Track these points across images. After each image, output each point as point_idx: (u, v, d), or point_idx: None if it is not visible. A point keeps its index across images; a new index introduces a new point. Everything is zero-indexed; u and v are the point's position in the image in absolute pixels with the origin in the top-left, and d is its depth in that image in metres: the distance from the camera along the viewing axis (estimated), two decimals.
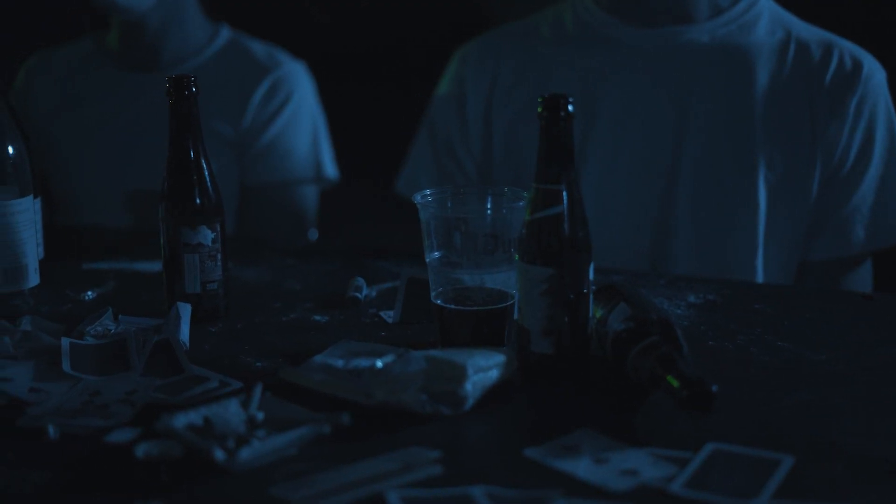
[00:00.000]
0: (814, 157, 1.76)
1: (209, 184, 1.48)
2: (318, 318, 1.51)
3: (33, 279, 1.52)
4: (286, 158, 2.11)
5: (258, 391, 1.20)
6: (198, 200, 1.47)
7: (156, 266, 1.73)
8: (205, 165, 1.48)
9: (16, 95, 2.18)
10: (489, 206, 1.38)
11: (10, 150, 1.50)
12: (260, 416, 1.17)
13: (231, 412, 1.16)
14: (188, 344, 1.40)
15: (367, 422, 1.19)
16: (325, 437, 1.16)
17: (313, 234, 2.16)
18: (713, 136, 1.79)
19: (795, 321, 1.49)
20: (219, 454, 1.09)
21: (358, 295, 1.55)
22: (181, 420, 1.15)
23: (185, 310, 1.43)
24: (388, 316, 1.51)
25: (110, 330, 1.43)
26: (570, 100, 1.28)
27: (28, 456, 1.15)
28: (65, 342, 1.38)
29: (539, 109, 1.28)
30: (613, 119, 1.81)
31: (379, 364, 1.25)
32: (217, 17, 2.19)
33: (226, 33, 2.17)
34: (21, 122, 1.56)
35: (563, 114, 1.28)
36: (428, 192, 1.39)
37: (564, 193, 1.28)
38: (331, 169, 2.17)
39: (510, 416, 1.24)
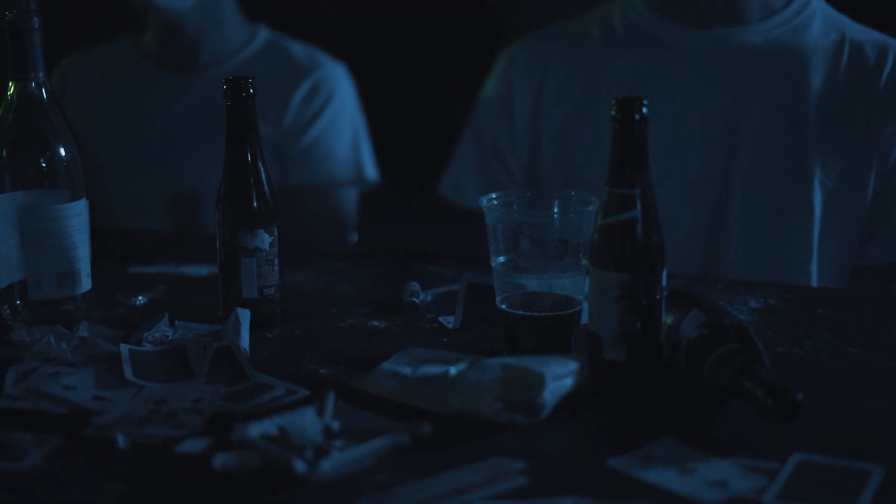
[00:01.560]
0: (869, 161, 1.74)
1: (266, 187, 1.46)
2: (376, 323, 1.49)
3: (86, 284, 1.49)
4: (326, 160, 2.08)
5: (331, 399, 1.18)
6: (255, 204, 1.45)
7: (203, 270, 1.71)
8: (262, 168, 1.46)
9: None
10: (556, 210, 1.36)
11: (63, 152, 1.47)
12: (336, 425, 1.15)
13: (307, 421, 1.14)
14: (248, 350, 1.37)
15: (440, 431, 1.17)
16: (403, 446, 1.13)
17: (353, 237, 2.14)
18: (767, 139, 1.76)
19: (861, 326, 1.46)
20: (299, 465, 1.07)
21: (415, 300, 1.52)
22: (255, 430, 1.12)
23: (245, 315, 1.41)
24: (448, 321, 1.48)
25: (168, 336, 1.41)
26: (646, 102, 1.25)
27: (99, 466, 1.13)
28: (124, 349, 1.35)
29: (613, 112, 1.25)
30: (665, 122, 1.78)
31: (453, 372, 1.22)
32: (254, 18, 2.17)
33: (264, 34, 2.14)
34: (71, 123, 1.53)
35: (637, 116, 1.25)
36: (494, 195, 1.36)
37: (639, 197, 1.26)
38: (371, 171, 2.14)
39: (586, 425, 1.21)
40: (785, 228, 1.76)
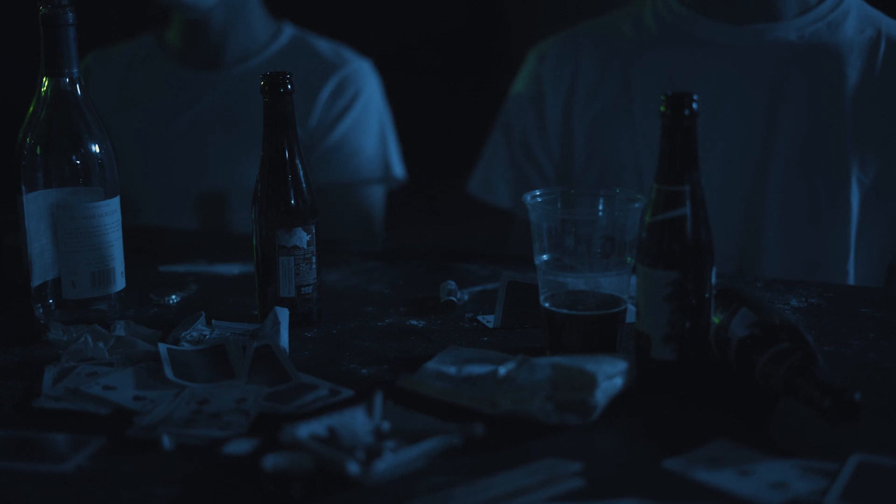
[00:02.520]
0: None
1: (304, 184, 1.43)
2: (414, 322, 1.47)
3: (119, 283, 1.47)
4: (353, 158, 2.06)
5: (379, 400, 1.16)
6: (293, 202, 1.43)
7: (235, 268, 1.69)
8: (300, 165, 1.43)
9: None
10: (601, 208, 1.34)
11: (97, 149, 1.45)
12: (385, 426, 1.12)
13: (358, 422, 1.12)
14: (288, 350, 1.35)
15: (490, 431, 1.15)
16: (455, 448, 1.11)
17: (381, 237, 2.12)
18: (803, 136, 1.74)
19: None
20: (353, 467, 1.05)
21: (453, 299, 1.50)
22: (304, 431, 1.10)
23: (284, 314, 1.39)
24: (488, 320, 1.46)
25: (205, 335, 1.39)
26: (695, 98, 1.23)
27: (146, 468, 1.11)
28: (162, 348, 1.33)
29: (662, 108, 1.24)
30: (700, 120, 1.75)
31: (502, 372, 1.20)
32: (279, 15, 2.15)
33: (289, 31, 2.12)
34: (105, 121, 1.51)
35: (687, 112, 1.23)
36: (537, 192, 1.34)
37: (688, 194, 1.24)
38: (398, 168, 2.12)
39: (637, 425, 1.19)
40: (822, 226, 1.74)
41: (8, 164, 1.61)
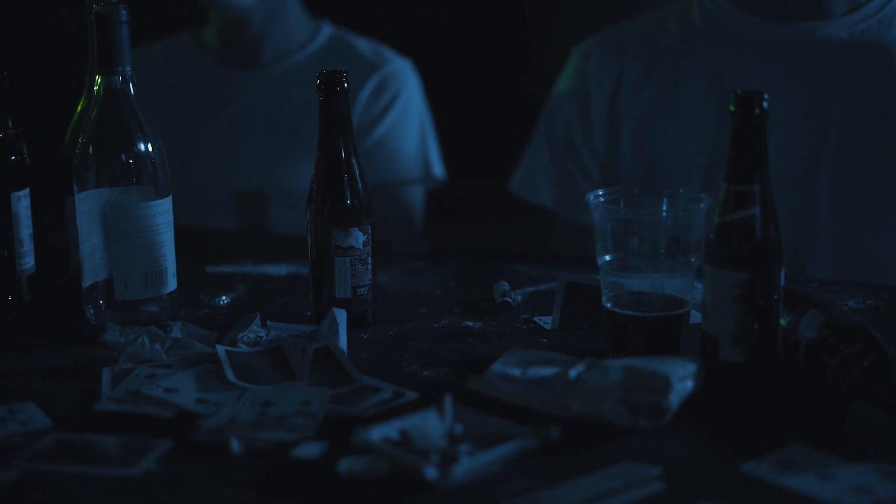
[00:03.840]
0: None
1: (360, 184, 1.42)
2: (470, 324, 1.45)
3: (171, 284, 1.46)
4: (393, 158, 2.04)
5: (449, 402, 1.14)
6: (349, 201, 1.41)
7: (282, 269, 1.67)
8: (356, 164, 1.42)
9: None
10: (665, 208, 1.32)
11: (150, 148, 1.44)
12: (458, 429, 1.11)
13: (431, 425, 1.10)
14: (346, 352, 1.33)
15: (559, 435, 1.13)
16: (530, 451, 1.10)
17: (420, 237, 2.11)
18: (854, 135, 1.72)
19: None
20: (431, 472, 1.03)
21: (509, 300, 1.49)
22: (376, 434, 1.09)
23: (341, 316, 1.37)
24: (544, 322, 1.45)
25: (262, 337, 1.37)
26: (766, 96, 1.21)
27: (215, 472, 1.09)
28: (220, 350, 1.31)
29: (732, 107, 1.22)
30: None
31: (572, 374, 1.18)
32: (317, 14, 2.13)
33: (327, 30, 2.11)
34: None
35: (757, 111, 1.21)
36: (600, 192, 1.32)
37: (758, 194, 1.22)
38: (438, 168, 2.10)
39: (708, 428, 1.17)
40: (874, 226, 1.72)
41: (53, 164, 1.59)
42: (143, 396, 1.22)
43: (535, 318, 1.46)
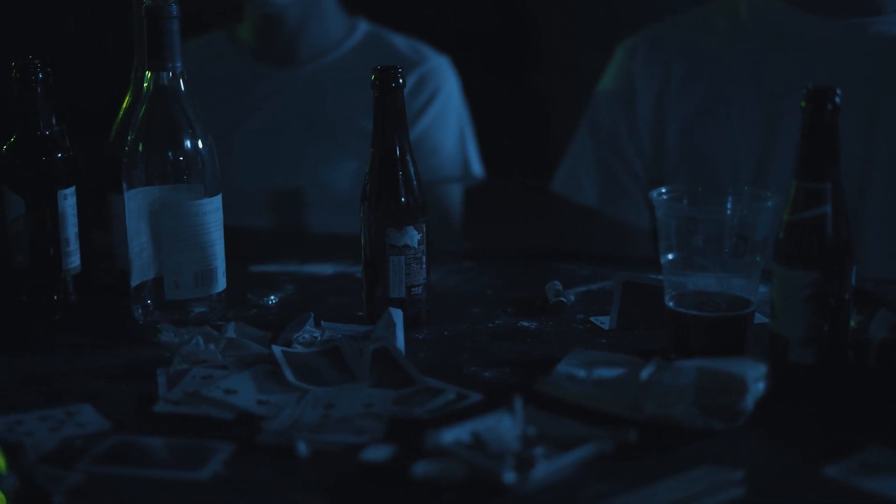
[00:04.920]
0: None
1: (415, 182, 1.39)
2: (525, 324, 1.42)
3: (221, 283, 1.43)
4: (432, 156, 2.02)
5: (520, 405, 1.11)
6: (404, 199, 1.39)
7: (328, 268, 1.65)
8: (410, 161, 1.39)
9: None
10: (729, 206, 1.29)
11: (199, 146, 1.41)
12: (531, 431, 1.08)
13: (504, 428, 1.08)
14: (404, 353, 1.31)
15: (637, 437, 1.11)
16: (605, 454, 1.07)
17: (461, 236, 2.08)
18: None
19: None
20: (509, 476, 1.01)
21: (563, 300, 1.46)
22: (449, 436, 1.06)
23: (398, 316, 1.34)
24: (601, 322, 1.42)
25: (316, 337, 1.35)
26: (838, 92, 1.19)
27: (284, 475, 1.06)
28: (277, 351, 1.29)
29: (803, 103, 1.20)
30: (798, 117, 1.72)
31: (644, 376, 1.16)
32: (353, 10, 2.11)
33: (364, 26, 2.08)
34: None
35: (830, 107, 1.19)
36: (663, 189, 1.30)
37: (830, 192, 1.20)
38: (477, 167, 2.08)
39: (782, 430, 1.15)
40: None
41: (96, 162, 1.57)
42: (202, 398, 1.20)
43: (592, 318, 1.43)
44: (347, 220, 1.94)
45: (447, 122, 2.04)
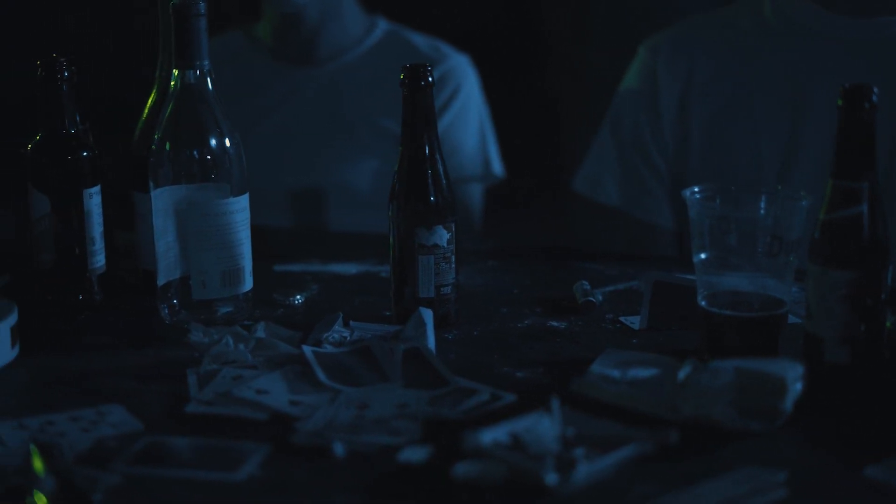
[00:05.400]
0: None
1: (444, 181, 1.38)
2: (555, 323, 1.42)
3: (248, 283, 1.42)
4: (453, 156, 2.00)
5: (557, 405, 1.11)
6: (433, 198, 1.38)
7: (352, 268, 1.64)
8: (440, 161, 1.38)
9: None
10: (763, 206, 1.29)
11: (227, 144, 1.40)
12: (570, 432, 1.08)
13: (543, 429, 1.07)
14: (434, 352, 1.30)
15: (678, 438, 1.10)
16: (645, 455, 1.06)
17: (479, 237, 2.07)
18: None
19: None
20: (551, 477, 1.00)
21: (593, 300, 1.45)
22: (488, 437, 1.05)
23: (428, 316, 1.34)
24: (631, 322, 1.41)
25: (346, 337, 1.34)
26: (875, 91, 1.18)
27: (320, 476, 1.06)
28: (307, 351, 1.28)
29: (840, 101, 1.19)
30: (825, 116, 1.70)
31: (681, 376, 1.15)
32: (372, 9, 2.10)
33: (383, 25, 2.07)
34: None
35: (867, 105, 1.18)
36: (696, 188, 1.29)
37: (866, 191, 1.19)
38: (498, 166, 2.07)
39: (820, 431, 1.14)
40: None
41: (119, 161, 1.57)
42: (234, 398, 1.19)
43: (621, 318, 1.43)
44: (367, 218, 1.94)
45: (468, 120, 2.03)
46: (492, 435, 1.06)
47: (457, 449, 1.06)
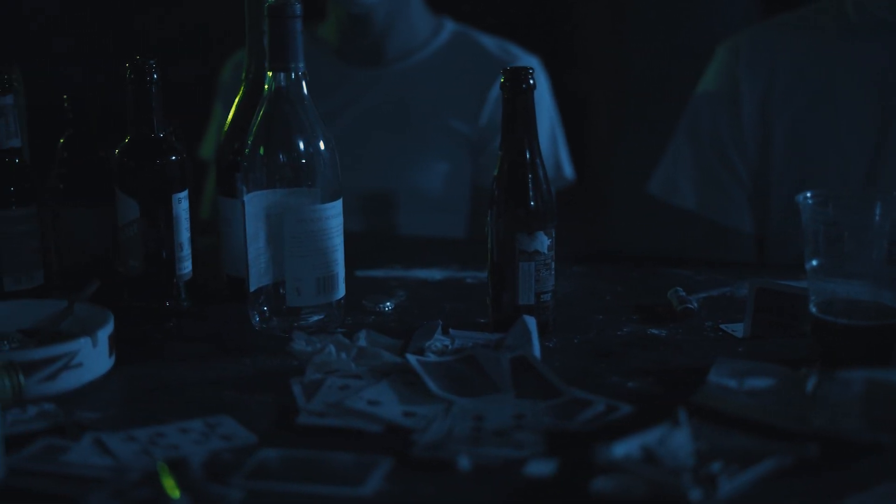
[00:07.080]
0: None
1: (545, 186, 1.36)
2: (655, 331, 1.39)
3: (341, 290, 1.40)
4: None
5: (685, 417, 1.08)
6: (533, 204, 1.35)
7: (436, 273, 1.61)
8: (540, 165, 1.36)
9: (224, 91, 2.07)
10: (878, 212, 1.26)
11: (320, 149, 1.37)
12: (703, 446, 1.05)
13: (677, 443, 1.04)
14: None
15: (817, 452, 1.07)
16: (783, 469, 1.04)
17: None
18: None
19: None
20: (695, 493, 0.97)
21: (691, 307, 1.43)
22: (620, 451, 1.03)
23: (532, 323, 1.31)
24: (733, 329, 1.38)
25: (448, 346, 1.31)
26: None
27: (448, 490, 1.03)
28: (413, 360, 1.25)
29: None
30: None
31: (809, 387, 1.12)
32: (439, 10, 2.07)
33: (450, 26, 2.04)
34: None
35: None
36: (808, 193, 1.26)
37: None
38: (569, 169, 2.04)
39: None
40: None
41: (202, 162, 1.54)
42: (347, 409, 1.16)
43: (722, 326, 1.40)
44: (439, 222, 1.91)
45: (539, 123, 1.99)
46: (623, 448, 1.03)
47: (584, 462, 1.04)
